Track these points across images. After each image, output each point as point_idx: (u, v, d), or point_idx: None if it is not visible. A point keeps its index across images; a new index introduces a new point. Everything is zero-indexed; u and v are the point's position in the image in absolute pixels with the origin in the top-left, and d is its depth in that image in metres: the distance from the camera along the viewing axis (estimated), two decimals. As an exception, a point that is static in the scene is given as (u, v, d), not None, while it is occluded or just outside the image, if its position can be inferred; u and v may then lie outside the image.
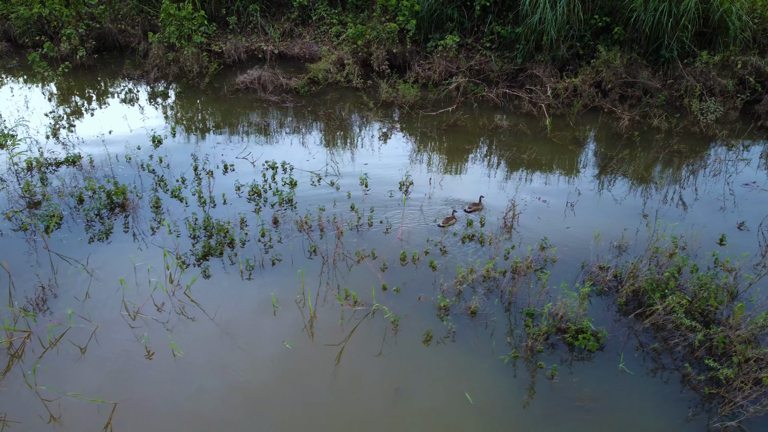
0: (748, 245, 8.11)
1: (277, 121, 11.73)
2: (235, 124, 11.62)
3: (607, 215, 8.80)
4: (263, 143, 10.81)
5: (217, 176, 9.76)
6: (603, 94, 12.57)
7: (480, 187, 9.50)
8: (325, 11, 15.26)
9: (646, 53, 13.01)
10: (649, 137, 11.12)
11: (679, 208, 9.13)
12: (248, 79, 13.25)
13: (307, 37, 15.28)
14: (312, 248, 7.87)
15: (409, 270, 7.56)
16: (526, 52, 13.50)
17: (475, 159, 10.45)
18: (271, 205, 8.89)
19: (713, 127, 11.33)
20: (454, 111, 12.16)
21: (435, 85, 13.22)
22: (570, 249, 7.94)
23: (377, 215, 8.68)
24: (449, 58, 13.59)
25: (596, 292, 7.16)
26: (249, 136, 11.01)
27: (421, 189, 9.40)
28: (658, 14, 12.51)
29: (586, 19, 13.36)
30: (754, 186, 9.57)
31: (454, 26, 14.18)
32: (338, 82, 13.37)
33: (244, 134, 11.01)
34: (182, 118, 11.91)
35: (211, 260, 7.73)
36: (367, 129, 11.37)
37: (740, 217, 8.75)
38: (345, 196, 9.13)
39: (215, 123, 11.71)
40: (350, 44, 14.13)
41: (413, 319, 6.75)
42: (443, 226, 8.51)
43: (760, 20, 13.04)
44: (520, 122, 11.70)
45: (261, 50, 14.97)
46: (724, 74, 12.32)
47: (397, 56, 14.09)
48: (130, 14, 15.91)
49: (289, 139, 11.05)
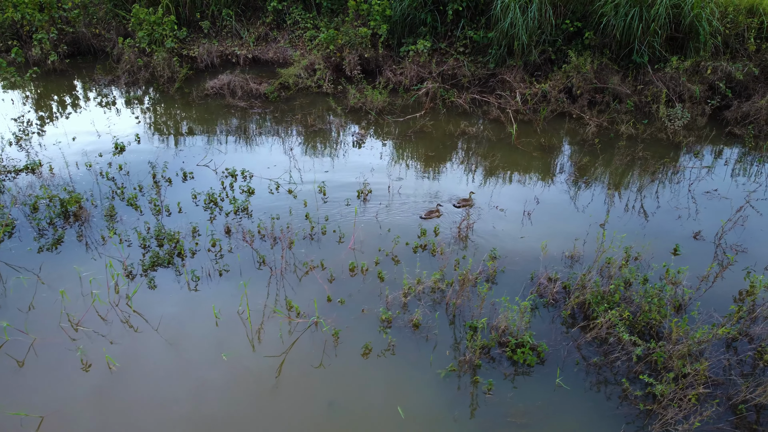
0: (702, 255, 8.06)
1: (242, 128, 11.67)
2: (200, 131, 11.55)
3: (564, 224, 8.74)
4: (226, 150, 10.75)
5: (176, 184, 9.69)
6: (572, 100, 12.51)
7: (439, 195, 9.43)
8: (299, 15, 15.20)
9: (618, 58, 12.95)
10: (615, 144, 11.06)
11: (640, 216, 9.07)
12: (218, 84, 13.19)
13: (282, 41, 15.21)
14: (261, 259, 7.81)
15: (357, 281, 7.50)
16: (498, 56, 13.44)
17: (437, 166, 10.38)
18: (226, 213, 8.82)
19: (680, 134, 11.27)
20: (422, 117, 12.10)
21: (406, 90, 13.16)
22: (522, 259, 7.88)
23: (332, 224, 8.62)
24: (421, 63, 13.53)
25: (543, 304, 7.10)
26: (213, 143, 10.94)
27: (380, 197, 9.33)
28: (628, 19, 12.44)
29: (558, 23, 13.30)
30: (715, 194, 9.51)
31: (428, 30, 14.11)
32: (309, 88, 13.32)
33: (208, 141, 10.94)
34: (148, 124, 11.85)
35: (159, 271, 7.67)
36: (333, 135, 11.31)
37: (698, 226, 8.69)
38: (301, 205, 9.06)
39: (181, 129, 11.64)
40: (323, 49, 14.07)
41: (355, 332, 6.69)
42: (425, 218, 8.69)
43: (731, 25, 12.97)
44: (486, 128, 11.64)
45: (234, 55, 14.90)
46: (694, 80, 12.27)
47: (370, 61, 14.02)
48: (105, 18, 15.83)
49: (253, 146, 10.98)
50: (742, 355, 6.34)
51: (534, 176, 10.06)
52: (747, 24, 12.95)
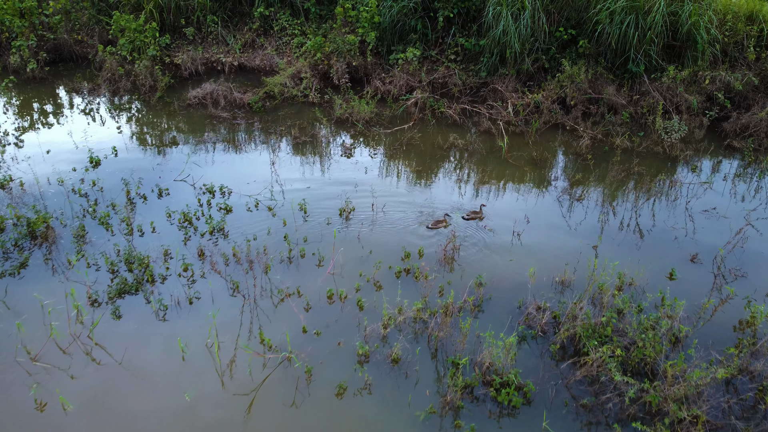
0: (699, 280, 7.66)
1: (224, 140, 11.24)
2: (180, 143, 11.13)
3: (555, 245, 8.34)
4: (206, 164, 10.32)
5: (151, 201, 9.28)
6: (566, 111, 12.10)
7: (424, 213, 9.01)
8: (287, 21, 14.78)
9: (613, 67, 12.55)
10: (610, 157, 10.66)
11: (635, 235, 8.67)
12: (200, 93, 12.77)
13: (269, 48, 14.79)
14: (234, 285, 7.39)
15: (334, 309, 7.09)
16: (490, 65, 13.04)
17: (424, 181, 9.96)
18: (201, 234, 8.40)
19: (677, 147, 10.87)
20: (410, 128, 11.69)
21: (395, 100, 12.75)
22: (510, 285, 7.47)
23: (311, 245, 8.21)
24: (410, 72, 13.11)
25: (531, 336, 6.69)
26: (192, 156, 10.51)
27: (363, 215, 8.92)
28: (624, 27, 12.04)
29: (552, 31, 12.90)
30: (713, 213, 9.11)
31: (418, 38, 13.71)
32: (295, 97, 12.90)
33: (188, 154, 10.49)
34: (127, 135, 11.42)
35: (126, 298, 7.26)
36: (317, 149, 10.89)
37: (695, 248, 8.29)
38: (280, 224, 8.65)
39: (160, 141, 11.22)
40: (310, 57, 13.65)
41: (330, 368, 6.28)
42: (431, 228, 8.48)
43: (730, 33, 12.58)
44: (476, 141, 11.23)
45: (220, 62, 14.47)
46: (691, 90, 11.87)
47: (358, 69, 13.61)
48: (89, 24, 15.40)
49: (234, 160, 10.56)
50: (743, 395, 5.93)
51: (525, 193, 9.65)
52: (746, 32, 12.56)
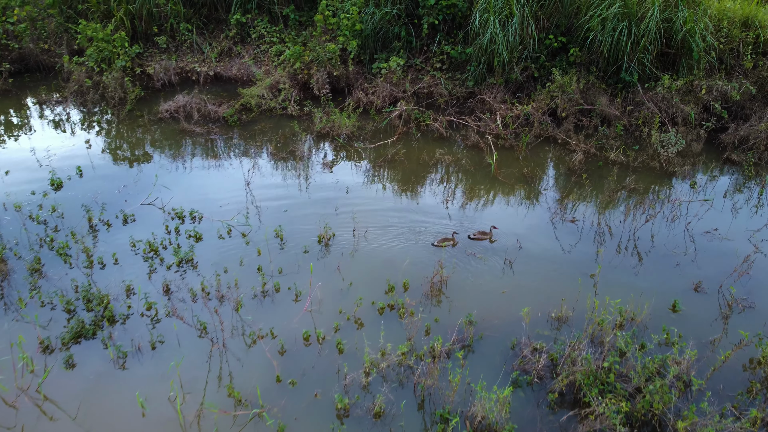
0: (705, 312, 7.14)
1: (196, 158, 10.58)
2: (149, 161, 10.46)
3: (550, 274, 7.78)
4: (176, 185, 9.66)
5: (116, 228, 8.61)
6: (557, 123, 11.55)
7: (408, 240, 8.42)
8: (265, 29, 14.13)
9: (605, 77, 12.03)
10: (604, 174, 10.12)
11: (634, 259, 8.15)
12: (173, 106, 12.08)
13: (246, 56, 14.13)
14: (202, 326, 6.75)
15: (311, 353, 6.48)
16: (477, 74, 12.47)
17: (407, 204, 9.35)
18: (167, 266, 7.75)
19: (674, 162, 10.36)
20: (394, 143, 11.08)
21: (378, 112, 12.13)
22: (502, 322, 6.90)
23: (287, 278, 7.60)
24: (394, 82, 12.51)
25: (527, 382, 6.11)
26: (161, 176, 9.82)
27: (344, 242, 8.31)
28: (617, 34, 11.52)
29: (541, 38, 12.36)
30: (715, 234, 8.59)
31: (402, 45, 13.11)
32: (273, 110, 12.25)
33: (156, 176, 9.79)
34: (93, 153, 10.71)
35: (83, 343, 6.61)
36: (295, 167, 10.24)
37: (698, 274, 7.77)
38: (254, 253, 8.01)
39: (128, 160, 10.54)
40: (288, 66, 13.01)
41: (306, 424, 5.67)
42: (437, 245, 8.15)
43: (726, 39, 12.10)
44: (464, 156, 10.64)
45: (194, 72, 13.78)
46: (687, 100, 11.37)
47: (340, 79, 12.98)
48: (56, 33, 14.64)
49: (206, 180, 9.90)
50: (760, 450, 5.40)
51: (516, 214, 9.08)
52: (742, 38, 12.09)
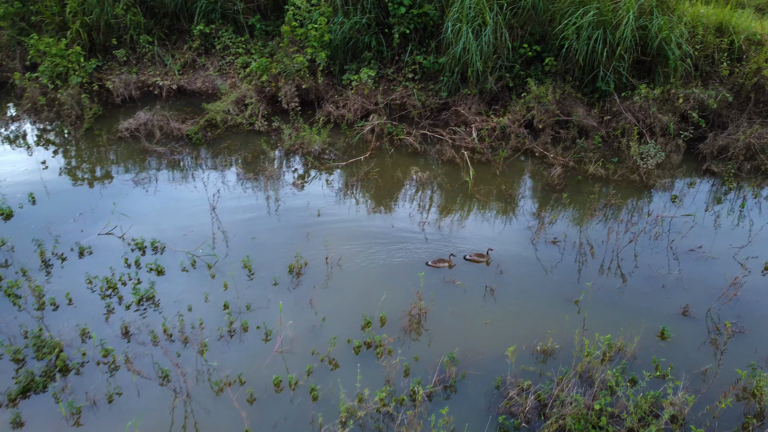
0: (694, 339, 6.87)
1: (158, 181, 10.01)
2: (108, 186, 9.87)
3: (532, 301, 7.45)
4: (136, 211, 9.09)
5: (71, 262, 8.04)
6: (534, 135, 11.24)
7: (385, 267, 8.00)
8: (230, 40, 13.56)
9: (581, 86, 11.76)
10: (584, 188, 9.83)
11: (617, 281, 7.86)
12: (134, 124, 11.47)
13: (211, 68, 13.55)
14: (163, 374, 6.24)
15: (283, 401, 6.02)
16: (450, 84, 12.10)
17: (382, 226, 8.90)
18: (126, 306, 7.22)
19: (654, 174, 10.11)
20: (366, 159, 10.65)
21: (349, 126, 11.68)
22: (486, 359, 6.54)
23: (256, 315, 7.13)
24: (365, 94, 12.07)
25: (514, 426, 5.74)
26: (121, 202, 9.24)
27: (316, 271, 7.86)
28: (592, 43, 11.26)
29: (515, 46, 12.04)
30: (700, 252, 8.35)
31: (372, 55, 12.69)
32: (239, 126, 11.71)
33: (115, 202, 9.16)
34: (48, 178, 10.07)
35: (32, 398, 6.06)
36: (263, 189, 9.74)
37: (685, 297, 7.51)
38: (221, 287, 7.52)
39: (84, 185, 9.93)
40: (255, 79, 12.49)
41: (277, 486, 5.20)
42: (432, 266, 7.91)
43: (701, 46, 11.92)
44: (440, 173, 10.26)
45: (156, 86, 13.16)
46: (664, 109, 11.14)
47: (309, 91, 12.50)
48: (9, 46, 13.89)
49: (169, 205, 9.35)
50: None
51: (495, 236, 8.73)
52: (717, 45, 11.93)
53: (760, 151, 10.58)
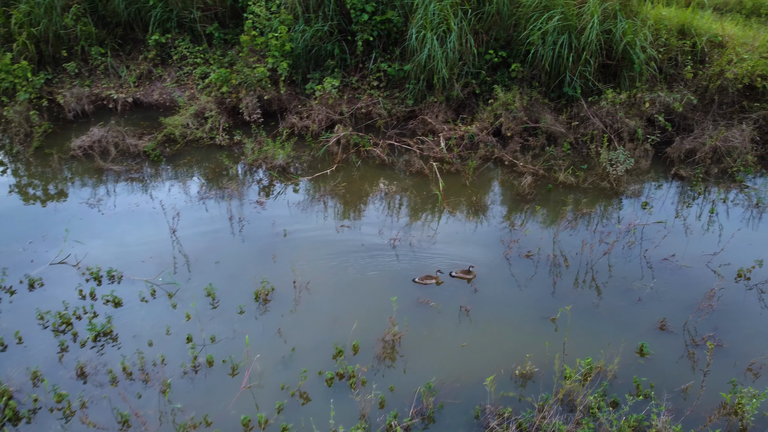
0: (673, 354, 6.76)
1: (114, 202, 9.52)
2: (59, 210, 9.35)
3: (508, 319, 7.27)
4: (91, 237, 8.61)
5: (20, 296, 7.54)
6: (503, 143, 11.07)
7: (355, 289, 7.71)
8: (187, 49, 13.06)
9: (548, 91, 11.64)
10: (555, 197, 9.69)
11: (592, 293, 7.72)
12: (87, 142, 10.93)
13: (168, 80, 13.04)
14: (123, 420, 5.84)
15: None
16: (417, 92, 11.86)
17: (350, 245, 8.57)
18: (82, 343, 6.78)
19: (624, 180, 10.03)
20: (333, 173, 10.33)
21: (314, 138, 11.34)
22: (464, 384, 6.32)
23: (221, 347, 6.77)
24: (330, 104, 11.74)
25: (495, 459, 5.52)
26: (74, 227, 8.73)
27: (284, 297, 7.52)
28: (557, 48, 11.14)
29: (481, 52, 11.86)
30: (673, 261, 8.27)
31: (336, 64, 12.36)
32: (200, 140, 11.26)
33: (67, 228, 8.65)
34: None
35: (-23, 453, 5.57)
36: (226, 208, 9.33)
37: (662, 310, 7.41)
38: (183, 318, 7.13)
39: (34, 210, 9.38)
40: (215, 90, 12.04)
41: None
42: (419, 282, 7.72)
43: (664, 49, 11.91)
44: (409, 185, 10.00)
45: (111, 99, 12.59)
46: (631, 113, 11.09)
47: (272, 102, 12.10)
48: (-50, 59, 13.12)
49: (126, 229, 8.88)
50: None
51: (468, 252, 8.50)
52: (680, 47, 11.94)
53: (726, 153, 10.60)
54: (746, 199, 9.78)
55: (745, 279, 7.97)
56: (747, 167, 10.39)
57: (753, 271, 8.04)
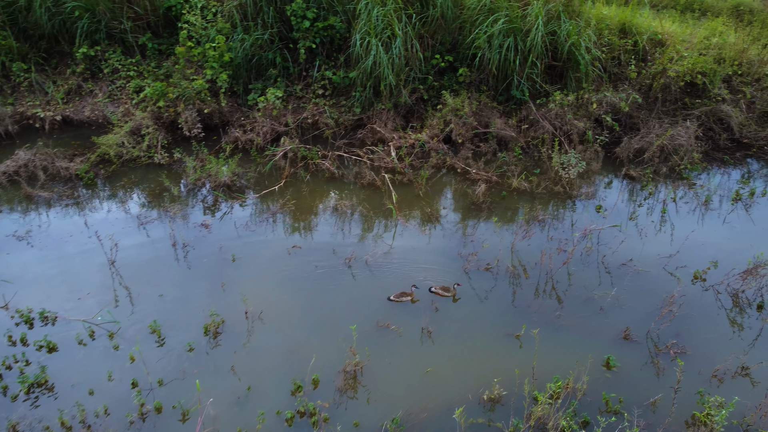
0: (639, 364, 6.69)
1: (45, 233, 8.82)
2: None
3: (472, 339, 7.04)
4: (20, 274, 7.93)
5: (-58, 346, 6.82)
6: (455, 150, 10.87)
7: (313, 316, 7.34)
8: (118, 62, 12.34)
9: (496, 95, 11.51)
10: (510, 204, 9.56)
11: (554, 302, 7.62)
12: (12, 166, 10.14)
13: (100, 94, 12.29)
14: (63, 484, 5.31)
15: (209, 499, 5.24)
16: (363, 99, 11.53)
17: (303, 268, 8.16)
18: (13, 397, 6.17)
19: (577, 184, 9.98)
20: (281, 189, 9.89)
21: (260, 152, 10.87)
22: (431, 414, 6.07)
23: (170, 391, 6.28)
24: (274, 115, 11.28)
25: (468, 495, 5.26)
26: (0, 265, 8.03)
27: (236, 328, 7.08)
28: (504, 51, 11.01)
29: (427, 56, 11.63)
30: (631, 265, 8.23)
31: (278, 73, 11.91)
32: (137, 159, 10.62)
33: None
34: None
35: None
36: (168, 234, 8.77)
37: (624, 319, 7.33)
38: (126, 361, 6.60)
39: (-44, 244, 8.59)
40: (151, 105, 11.41)
41: None
42: (395, 300, 7.45)
43: (607, 48, 11.97)
44: (361, 199, 9.67)
45: (38, 118, 11.77)
46: (579, 114, 11.08)
47: (213, 115, 11.55)
48: None
49: (59, 263, 8.22)
50: None
51: (426, 267, 8.24)
52: (622, 46, 12.03)
53: (673, 152, 10.71)
54: (695, 197, 9.87)
55: (701, 281, 8.00)
56: (694, 165, 10.52)
57: (708, 273, 8.06)
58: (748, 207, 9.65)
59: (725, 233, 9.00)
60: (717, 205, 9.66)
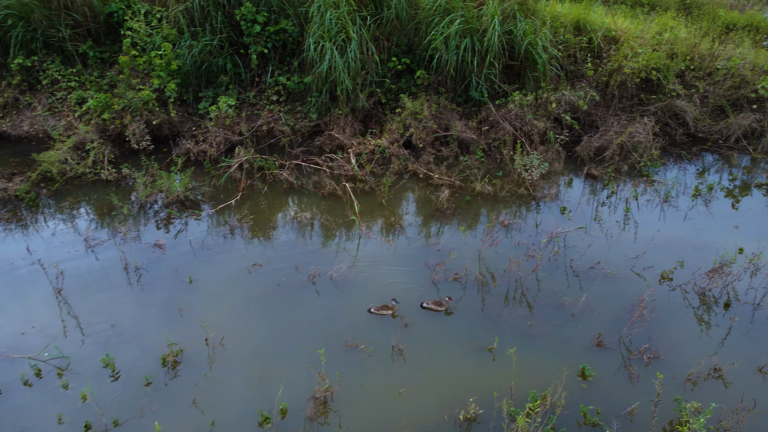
0: (613, 371, 6.59)
1: (-17, 261, 8.21)
2: None
3: (445, 355, 6.81)
4: (-43, 309, 7.32)
5: None
6: (416, 155, 10.64)
7: (278, 339, 6.99)
8: (58, 72, 11.67)
9: (455, 97, 11.33)
10: (475, 209, 9.39)
11: (524, 309, 7.45)
12: (-57, 190, 9.44)
13: (39, 107, 11.59)
14: None
15: None
16: (320, 105, 11.19)
17: (264, 287, 7.78)
18: (-49, 450, 5.63)
19: (540, 185, 9.88)
20: (238, 203, 9.48)
21: (213, 163, 10.41)
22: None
23: (128, 429, 5.83)
24: (227, 124, 10.83)
25: None
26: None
27: (196, 358, 6.68)
28: (461, 51, 10.83)
29: (384, 59, 11.36)
30: (599, 268, 8.15)
31: (230, 79, 11.46)
32: (82, 176, 10.04)
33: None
34: None
35: None
36: (119, 257, 8.26)
37: (596, 325, 7.23)
38: (77, 401, 6.13)
39: None
40: (95, 117, 10.81)
41: None
42: (375, 312, 7.25)
43: (563, 46, 11.93)
44: (323, 210, 9.35)
45: (-29, 135, 11.03)
46: (539, 114, 10.99)
47: (162, 127, 11.02)
48: None
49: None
50: None
51: (393, 280, 7.98)
52: (577, 44, 12.01)
53: (633, 149, 10.72)
54: (656, 194, 9.89)
55: (668, 281, 7.97)
56: (653, 161, 10.55)
57: (675, 272, 8.04)
58: (707, 202, 9.72)
59: (688, 230, 9.03)
60: (677, 202, 9.69)
